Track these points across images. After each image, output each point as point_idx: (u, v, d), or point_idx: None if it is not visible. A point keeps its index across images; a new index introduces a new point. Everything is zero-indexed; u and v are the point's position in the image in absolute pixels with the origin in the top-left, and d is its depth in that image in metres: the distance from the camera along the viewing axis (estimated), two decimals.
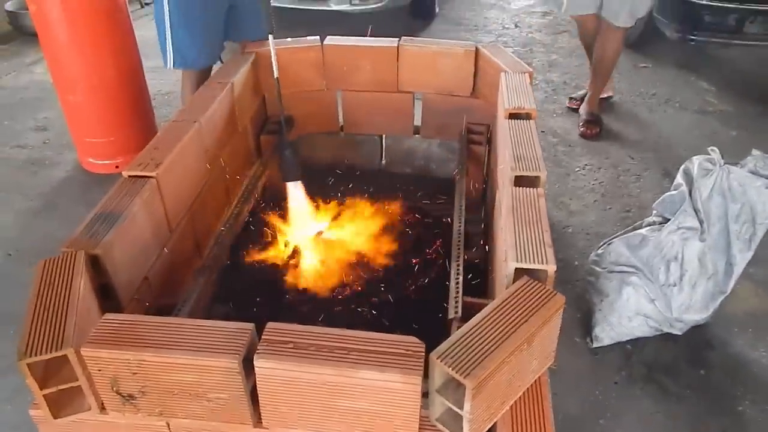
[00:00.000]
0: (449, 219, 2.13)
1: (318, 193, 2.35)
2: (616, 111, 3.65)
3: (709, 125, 3.38)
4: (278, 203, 2.30)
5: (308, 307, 1.88)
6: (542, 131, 3.38)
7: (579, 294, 2.19)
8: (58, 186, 2.91)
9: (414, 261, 2.16)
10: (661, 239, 1.87)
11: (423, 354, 1.10)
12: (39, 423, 1.29)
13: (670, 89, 3.91)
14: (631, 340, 2.01)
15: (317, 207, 2.32)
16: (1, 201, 2.79)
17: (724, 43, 3.93)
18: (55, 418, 1.22)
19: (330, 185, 2.46)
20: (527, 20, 5.33)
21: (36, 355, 1.12)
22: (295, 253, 2.08)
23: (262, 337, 1.14)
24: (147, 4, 5.57)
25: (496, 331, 1.12)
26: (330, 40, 2.46)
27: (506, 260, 1.33)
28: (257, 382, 1.13)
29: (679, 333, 1.97)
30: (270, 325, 1.16)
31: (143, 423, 1.26)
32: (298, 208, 2.21)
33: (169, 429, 1.26)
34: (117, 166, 2.87)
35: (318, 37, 2.46)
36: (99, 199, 1.55)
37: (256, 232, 2.18)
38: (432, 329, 1.44)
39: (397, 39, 2.43)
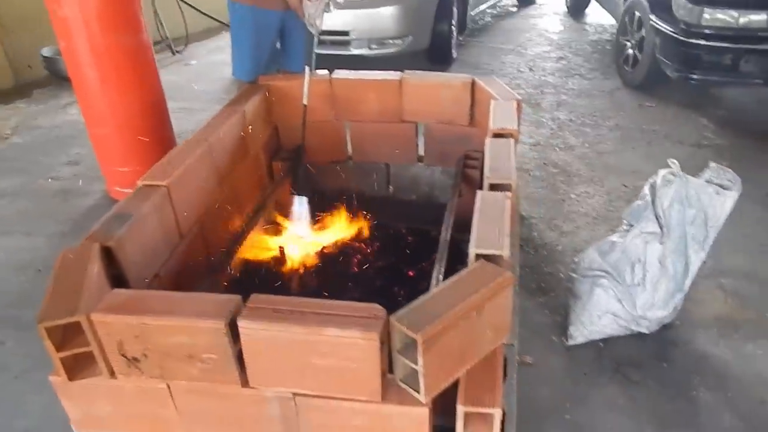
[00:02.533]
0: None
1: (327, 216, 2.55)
2: (615, 145, 3.81)
3: (702, 157, 3.51)
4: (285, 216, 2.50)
5: None
6: (544, 163, 3.56)
7: (561, 303, 2.33)
8: (86, 212, 3.15)
9: (408, 273, 2.33)
10: (626, 244, 2.02)
11: (383, 316, 1.26)
12: (57, 388, 1.47)
13: (670, 126, 4.07)
14: (603, 338, 2.14)
15: (322, 222, 2.52)
16: (34, 226, 3.04)
17: (721, 82, 4.10)
18: (71, 380, 1.40)
19: (339, 211, 2.61)
20: (542, 64, 5.56)
21: (52, 319, 1.31)
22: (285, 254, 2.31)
23: (246, 304, 1.31)
24: (178, 51, 5.98)
25: (448, 300, 1.28)
26: (338, 73, 2.67)
27: (469, 248, 1.49)
28: (242, 342, 1.29)
29: (647, 331, 2.11)
30: (254, 296, 1.34)
31: (147, 386, 1.43)
32: (300, 218, 2.44)
33: (170, 391, 1.42)
34: None
35: (327, 70, 2.66)
36: None
37: (262, 242, 2.37)
38: None
39: (400, 72, 2.62)
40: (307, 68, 2.49)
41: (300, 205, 2.45)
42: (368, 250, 2.47)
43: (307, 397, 1.36)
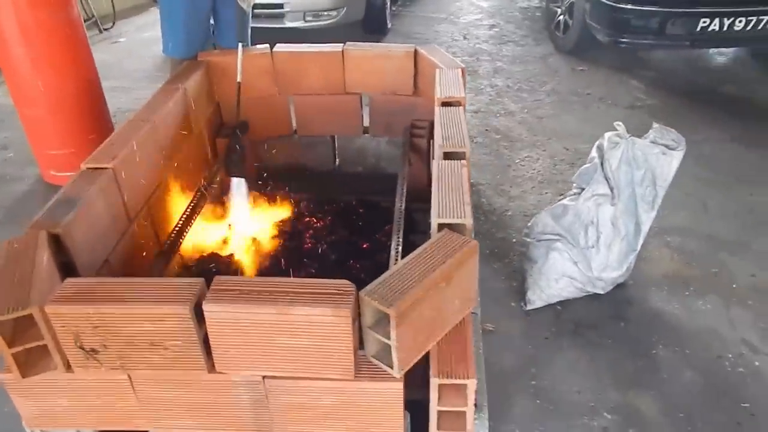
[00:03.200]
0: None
1: (273, 193, 2.49)
2: (553, 109, 3.89)
3: (638, 118, 3.64)
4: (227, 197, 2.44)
5: None
6: (486, 129, 3.60)
7: (516, 268, 2.38)
8: (21, 198, 3.00)
9: (362, 245, 2.32)
10: (578, 207, 2.07)
11: (353, 292, 1.24)
12: (8, 386, 1.39)
13: (603, 88, 4.19)
14: (560, 301, 2.20)
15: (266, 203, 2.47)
16: None
17: (650, 45, 4.23)
18: (24, 377, 1.33)
19: (285, 187, 2.58)
20: (475, 32, 5.60)
21: (3, 314, 1.23)
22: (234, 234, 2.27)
23: (210, 287, 1.27)
24: (106, 29, 5.73)
25: (417, 271, 1.28)
26: (279, 47, 2.61)
27: (431, 218, 1.49)
28: (207, 326, 1.26)
29: (602, 292, 2.18)
30: (217, 278, 1.30)
31: (107, 378, 1.38)
32: (239, 203, 2.37)
33: (131, 382, 1.38)
34: None
35: (268, 45, 2.60)
36: None
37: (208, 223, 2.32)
38: None
39: (342, 44, 2.58)
40: (240, 45, 2.40)
41: (239, 187, 2.38)
42: (319, 225, 2.45)
43: (277, 379, 1.34)
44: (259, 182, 2.56)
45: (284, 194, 2.54)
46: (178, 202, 2.21)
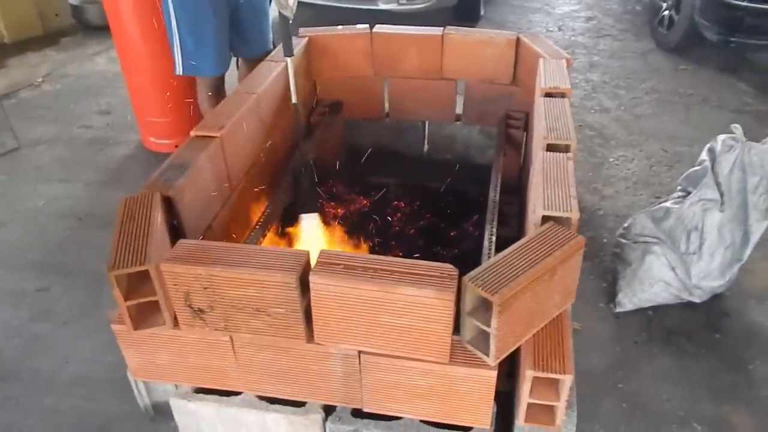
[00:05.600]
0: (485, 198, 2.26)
1: (359, 177, 2.47)
2: (652, 108, 3.74)
3: (745, 123, 3.37)
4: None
5: None
6: (579, 125, 3.50)
7: (606, 268, 2.32)
8: (122, 161, 3.15)
9: (450, 233, 2.32)
10: (683, 211, 1.99)
11: (456, 276, 1.25)
12: (119, 336, 1.48)
13: (708, 90, 3.98)
14: (652, 306, 2.13)
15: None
16: (71, 173, 3.05)
17: (763, 45, 3.99)
18: (135, 329, 1.41)
19: (372, 171, 2.60)
20: (571, 24, 5.43)
21: (122, 268, 1.30)
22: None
23: (317, 259, 1.30)
24: None
25: (522, 261, 1.26)
26: (379, 28, 2.61)
27: (535, 210, 1.47)
28: (311, 297, 1.29)
29: (698, 301, 2.09)
30: (323, 251, 1.33)
31: (210, 338, 1.44)
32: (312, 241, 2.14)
33: (232, 343, 1.43)
34: (176, 146, 3.08)
35: (367, 25, 2.61)
36: None
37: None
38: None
39: (442, 28, 2.56)
40: (289, 60, 2.08)
41: (309, 226, 2.15)
42: (407, 210, 2.45)
43: (372, 356, 1.36)
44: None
45: (373, 177, 2.55)
46: (275, 176, 2.26)
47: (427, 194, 2.56)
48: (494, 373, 1.30)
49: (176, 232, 1.61)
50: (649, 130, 3.45)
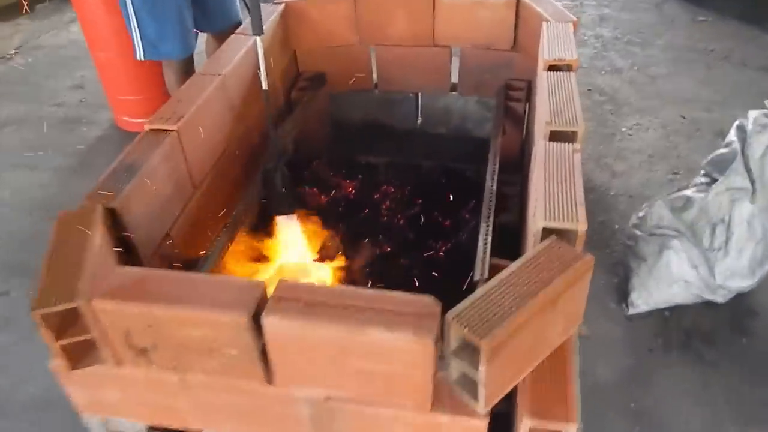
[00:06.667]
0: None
1: (349, 154, 2.28)
2: (668, 67, 3.45)
3: None
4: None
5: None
6: (588, 89, 3.24)
7: (617, 259, 2.10)
8: (94, 144, 2.97)
9: (444, 223, 2.11)
10: (707, 201, 1.76)
11: (438, 314, 1.04)
12: (59, 374, 1.30)
13: (730, 44, 3.68)
14: (669, 307, 1.91)
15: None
16: (40, 159, 2.86)
17: None
18: (72, 369, 1.22)
19: (361, 148, 2.42)
20: None
21: (48, 306, 1.11)
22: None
23: (273, 293, 1.10)
24: None
25: (517, 291, 1.05)
26: None
27: (534, 218, 1.25)
28: (266, 339, 1.09)
29: (722, 300, 1.87)
30: (281, 281, 1.12)
31: (159, 377, 1.25)
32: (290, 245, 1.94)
33: (185, 384, 1.25)
34: None
35: None
36: None
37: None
38: (459, 292, 1.39)
39: None
40: (258, 39, 1.74)
41: (288, 229, 1.93)
42: (397, 195, 2.25)
43: (342, 402, 1.17)
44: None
45: (362, 156, 2.34)
46: (249, 166, 2.05)
47: (420, 176, 2.37)
48: (485, 424, 1.10)
49: (126, 245, 1.41)
50: (666, 93, 3.18)
